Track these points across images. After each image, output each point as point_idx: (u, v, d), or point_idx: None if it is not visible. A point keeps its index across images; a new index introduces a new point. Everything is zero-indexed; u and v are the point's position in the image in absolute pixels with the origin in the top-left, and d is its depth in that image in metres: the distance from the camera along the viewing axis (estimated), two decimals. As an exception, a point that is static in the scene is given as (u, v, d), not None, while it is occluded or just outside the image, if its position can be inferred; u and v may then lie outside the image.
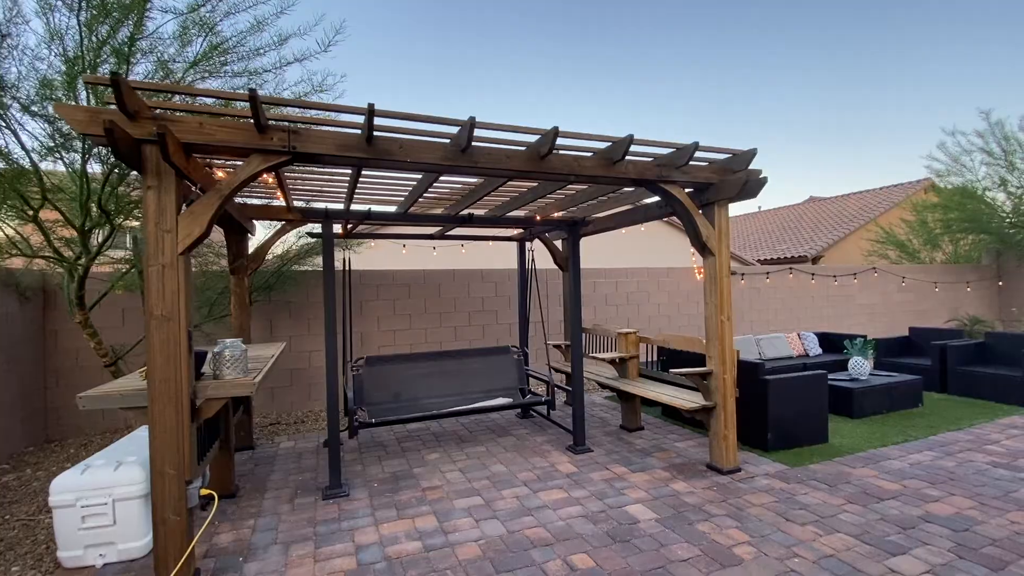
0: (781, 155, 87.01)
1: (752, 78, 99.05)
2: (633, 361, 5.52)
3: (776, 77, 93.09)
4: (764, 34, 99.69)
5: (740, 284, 9.73)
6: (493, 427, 5.71)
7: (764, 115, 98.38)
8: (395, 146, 3.17)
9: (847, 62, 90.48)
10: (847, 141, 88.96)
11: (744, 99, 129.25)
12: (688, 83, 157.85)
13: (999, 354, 6.88)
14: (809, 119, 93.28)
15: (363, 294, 7.07)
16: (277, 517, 3.62)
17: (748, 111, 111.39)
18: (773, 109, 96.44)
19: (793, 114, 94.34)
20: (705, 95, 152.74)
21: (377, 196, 5.30)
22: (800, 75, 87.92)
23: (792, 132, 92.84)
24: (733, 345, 4.23)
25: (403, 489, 4.06)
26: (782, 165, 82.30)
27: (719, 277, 4.20)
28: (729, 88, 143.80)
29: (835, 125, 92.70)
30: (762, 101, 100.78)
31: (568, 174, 3.71)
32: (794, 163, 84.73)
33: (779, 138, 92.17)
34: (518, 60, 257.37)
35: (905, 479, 3.99)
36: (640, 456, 4.67)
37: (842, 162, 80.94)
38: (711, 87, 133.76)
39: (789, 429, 4.74)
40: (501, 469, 4.43)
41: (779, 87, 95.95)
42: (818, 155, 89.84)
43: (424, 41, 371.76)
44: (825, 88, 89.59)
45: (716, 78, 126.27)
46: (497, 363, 5.62)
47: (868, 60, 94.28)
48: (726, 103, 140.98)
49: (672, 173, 4.00)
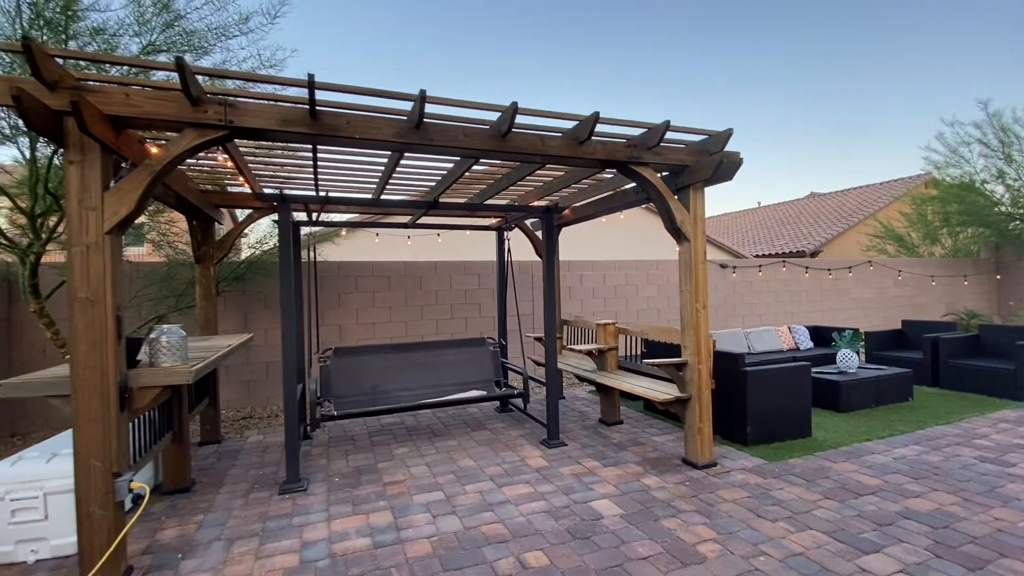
0: (784, 152, 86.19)
1: (753, 75, 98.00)
2: (612, 353, 5.35)
3: (776, 75, 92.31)
4: (762, 31, 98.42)
5: (732, 277, 9.55)
6: (469, 421, 5.55)
7: (764, 112, 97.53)
8: (342, 121, 3.00)
9: (846, 62, 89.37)
10: (851, 137, 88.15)
11: (743, 96, 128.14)
12: (686, 82, 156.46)
13: (992, 347, 6.69)
14: (812, 115, 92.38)
15: (341, 286, 6.91)
16: (228, 512, 3.48)
17: (747, 108, 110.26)
18: (773, 105, 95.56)
19: (795, 110, 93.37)
20: (703, 92, 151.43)
21: (349, 182, 5.14)
22: (804, 71, 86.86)
23: (795, 128, 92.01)
24: (709, 335, 4.06)
25: (364, 484, 3.91)
26: (784, 162, 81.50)
27: (694, 264, 4.03)
28: (726, 86, 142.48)
29: (838, 121, 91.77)
30: (762, 97, 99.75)
31: (533, 154, 3.54)
32: (797, 160, 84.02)
33: (781, 135, 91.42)
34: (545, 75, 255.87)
35: (887, 474, 3.83)
36: (615, 450, 4.51)
37: (845, 158, 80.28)
38: (710, 84, 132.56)
39: (770, 423, 4.57)
40: (469, 464, 4.27)
41: (780, 84, 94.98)
42: (821, 151, 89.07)
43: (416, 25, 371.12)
44: (827, 84, 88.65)
45: (715, 74, 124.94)
46: (472, 355, 5.46)
47: (868, 56, 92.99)
48: (724, 102, 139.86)
49: (644, 155, 3.83)
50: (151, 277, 5.53)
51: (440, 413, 5.94)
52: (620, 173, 3.98)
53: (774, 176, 78.15)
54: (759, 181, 76.18)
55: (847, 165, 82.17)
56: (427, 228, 5.82)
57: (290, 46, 4.42)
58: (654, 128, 3.72)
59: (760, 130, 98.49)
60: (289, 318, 3.83)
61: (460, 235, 9.03)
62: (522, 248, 6.88)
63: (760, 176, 78.46)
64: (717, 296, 9.42)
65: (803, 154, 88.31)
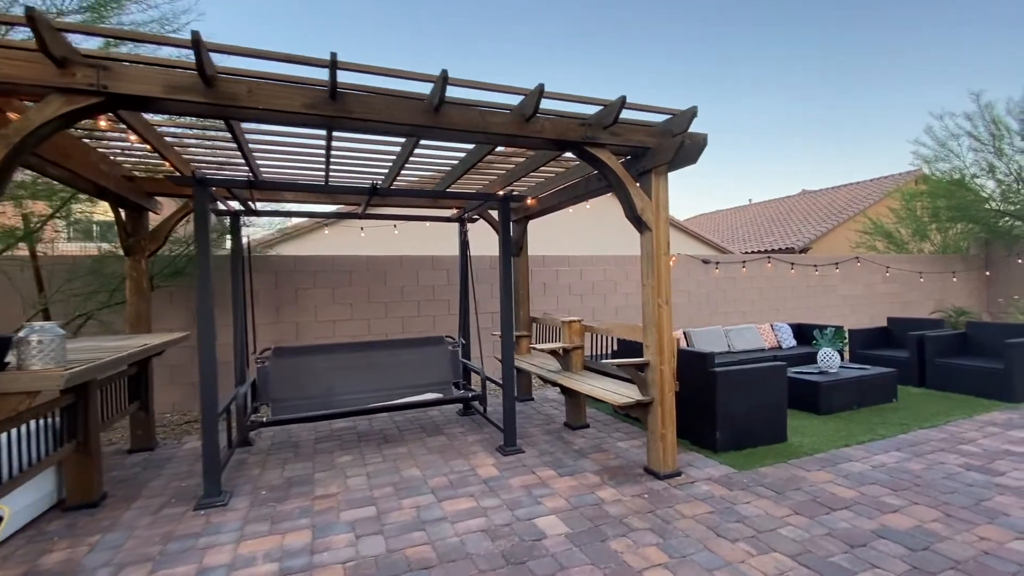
0: (780, 149, 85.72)
1: (748, 71, 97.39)
2: (577, 352, 5.01)
3: (771, 72, 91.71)
4: (759, 28, 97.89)
5: (715, 273, 9.24)
6: (427, 425, 5.19)
7: (758, 109, 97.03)
8: (242, 89, 2.63)
9: (844, 59, 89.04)
10: (843, 134, 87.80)
11: (738, 93, 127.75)
12: (681, 81, 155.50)
13: (980, 345, 6.40)
14: (804, 112, 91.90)
15: (299, 281, 6.53)
16: (130, 532, 3.10)
17: (740, 105, 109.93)
18: (768, 102, 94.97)
19: (789, 107, 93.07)
20: (698, 90, 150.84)
21: (296, 167, 4.77)
22: (797, 68, 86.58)
23: (787, 126, 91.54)
24: (672, 333, 3.72)
25: (292, 497, 3.54)
26: (776, 159, 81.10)
27: (656, 255, 3.69)
28: (720, 83, 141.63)
29: (830, 118, 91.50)
30: (756, 94, 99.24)
31: (473, 131, 3.18)
32: (793, 157, 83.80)
33: (774, 132, 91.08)
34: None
35: (864, 484, 3.50)
36: (574, 458, 4.17)
37: (843, 155, 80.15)
38: (704, 82, 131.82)
39: (742, 428, 4.24)
40: (414, 474, 3.92)
41: (776, 81, 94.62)
42: (813, 149, 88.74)
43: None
44: (824, 81, 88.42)
45: (708, 71, 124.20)
46: (429, 355, 5.10)
47: (863, 53, 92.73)
48: (718, 100, 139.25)
49: (600, 135, 3.48)
50: (75, 271, 5.12)
51: (398, 417, 5.58)
52: (575, 156, 3.62)
53: (767, 172, 78.02)
54: (754, 179, 75.93)
55: (844, 162, 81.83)
56: (382, 219, 5.45)
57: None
58: (609, 105, 3.37)
59: (755, 127, 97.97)
60: (207, 317, 3.46)
61: (431, 229, 8.66)
62: (488, 241, 6.51)
63: (755, 174, 78.20)
64: (699, 293, 9.10)
65: (799, 152, 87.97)
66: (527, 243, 6.34)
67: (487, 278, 7.60)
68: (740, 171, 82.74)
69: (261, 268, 6.38)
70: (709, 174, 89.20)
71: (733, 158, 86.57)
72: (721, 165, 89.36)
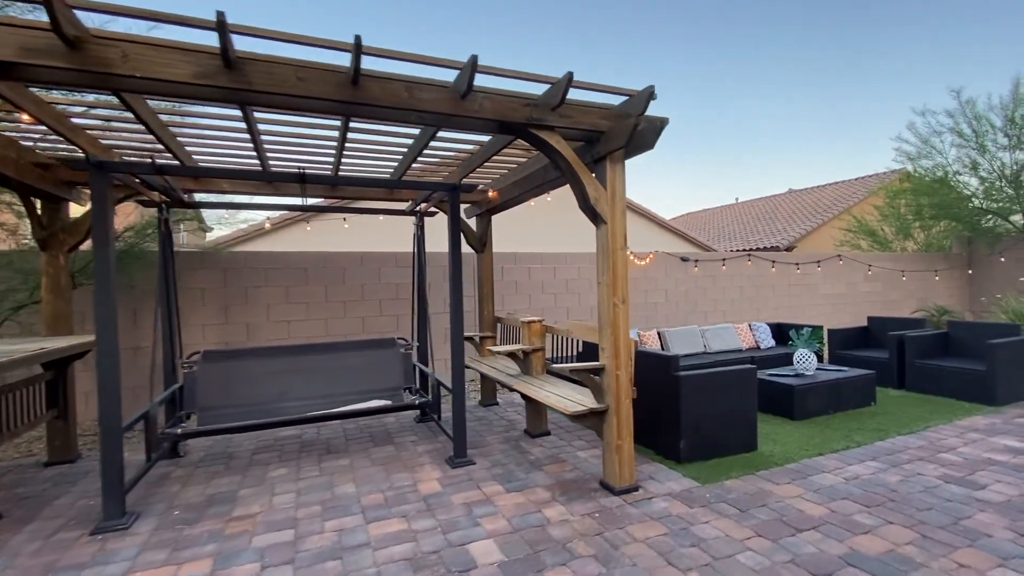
0: (765, 148, 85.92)
1: (743, 69, 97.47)
2: (538, 355, 4.68)
3: (764, 69, 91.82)
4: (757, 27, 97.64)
5: (694, 271, 8.97)
6: (377, 434, 4.84)
7: (749, 108, 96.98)
8: (115, 55, 2.26)
9: (838, 55, 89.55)
10: (832, 134, 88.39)
11: (727, 92, 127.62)
12: (676, 81, 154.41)
13: (962, 346, 6.18)
14: (796, 110, 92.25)
15: (249, 279, 6.14)
16: (11, 560, 2.73)
17: (729, 104, 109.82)
18: (758, 100, 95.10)
19: (779, 106, 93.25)
20: (693, 90, 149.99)
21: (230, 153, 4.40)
22: (789, 65, 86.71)
23: (777, 125, 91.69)
24: (629, 335, 3.41)
25: (206, 519, 3.18)
26: (765, 158, 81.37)
27: (611, 250, 3.37)
28: (711, 81, 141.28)
29: (820, 117, 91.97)
30: (747, 94, 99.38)
31: (402, 109, 2.83)
32: (779, 156, 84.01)
33: (764, 131, 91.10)
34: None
35: (835, 500, 3.21)
36: (528, 470, 3.84)
37: (826, 155, 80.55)
38: (701, 81, 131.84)
39: (709, 436, 3.95)
40: (348, 490, 3.57)
41: (767, 79, 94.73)
42: (803, 149, 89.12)
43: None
44: (819, 79, 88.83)
45: (699, 71, 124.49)
46: (379, 358, 4.75)
47: (856, 51, 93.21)
48: (709, 99, 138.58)
49: (547, 116, 3.15)
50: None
51: (349, 425, 5.22)
52: (521, 139, 3.29)
53: (755, 171, 78.31)
54: (746, 179, 76.35)
55: (835, 160, 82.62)
56: (330, 212, 5.08)
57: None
58: (556, 84, 3.05)
59: (746, 127, 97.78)
60: (106, 318, 3.08)
61: (394, 224, 8.27)
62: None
63: (746, 174, 78.53)
64: (677, 291, 8.83)
65: (789, 151, 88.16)
66: (491, 238, 6.00)
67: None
68: (731, 171, 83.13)
69: (209, 265, 5.99)
70: (699, 174, 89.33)
71: (722, 158, 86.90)
72: (710, 164, 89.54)
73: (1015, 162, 10.31)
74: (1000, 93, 10.64)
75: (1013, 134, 10.11)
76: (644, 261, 8.45)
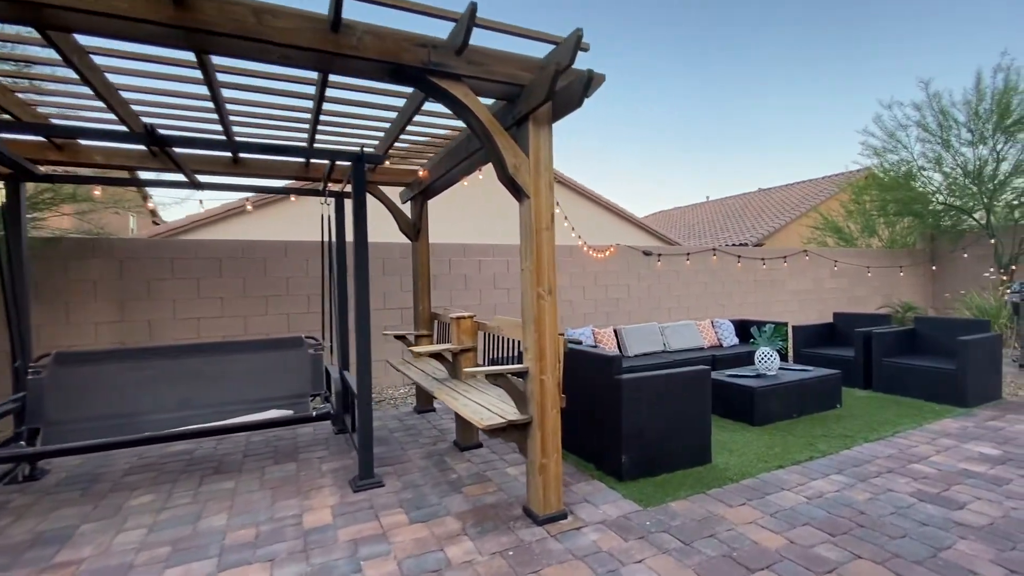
0: (736, 149, 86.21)
1: (733, 69, 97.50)
2: (468, 356, 4.09)
3: (751, 68, 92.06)
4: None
5: (657, 266, 8.52)
6: (284, 448, 4.18)
7: (727, 107, 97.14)
8: None
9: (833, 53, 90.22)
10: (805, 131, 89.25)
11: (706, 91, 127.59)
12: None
13: (930, 343, 5.85)
14: (769, 108, 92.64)
15: (152, 270, 5.37)
16: None
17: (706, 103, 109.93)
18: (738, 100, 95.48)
19: (752, 104, 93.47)
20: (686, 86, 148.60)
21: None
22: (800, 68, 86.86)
23: (749, 124, 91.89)
24: (557, 331, 2.84)
25: (17, 567, 2.49)
26: (736, 158, 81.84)
27: (535, 230, 2.80)
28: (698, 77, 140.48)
29: (793, 116, 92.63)
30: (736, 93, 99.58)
31: (258, 41, 2.19)
32: (749, 156, 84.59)
33: (738, 130, 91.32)
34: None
35: (795, 527, 2.71)
36: (444, 493, 3.25)
37: (794, 154, 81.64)
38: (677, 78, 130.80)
39: (656, 448, 3.42)
40: (217, 523, 2.91)
41: (753, 78, 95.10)
42: (772, 148, 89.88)
43: None
44: (817, 79, 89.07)
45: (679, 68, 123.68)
46: (281, 361, 4.08)
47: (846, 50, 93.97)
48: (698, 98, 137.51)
49: (450, 61, 2.55)
50: None
51: (256, 437, 4.53)
52: (422, 91, 2.69)
53: (727, 171, 78.76)
54: (722, 177, 77.07)
55: (805, 159, 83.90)
56: (220, 190, 4.38)
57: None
58: (459, 21, 2.46)
59: (720, 126, 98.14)
60: None
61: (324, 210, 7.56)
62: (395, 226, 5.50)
63: (721, 172, 79.40)
64: (640, 287, 8.36)
65: (762, 150, 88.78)
66: (427, 225, 5.38)
67: (396, 269, 6.62)
68: (709, 169, 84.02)
69: (102, 253, 5.21)
70: (675, 173, 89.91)
71: (698, 156, 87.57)
72: (686, 163, 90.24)
73: (978, 158, 10.21)
74: (964, 87, 10.55)
75: (976, 129, 10.00)
76: (604, 254, 7.95)
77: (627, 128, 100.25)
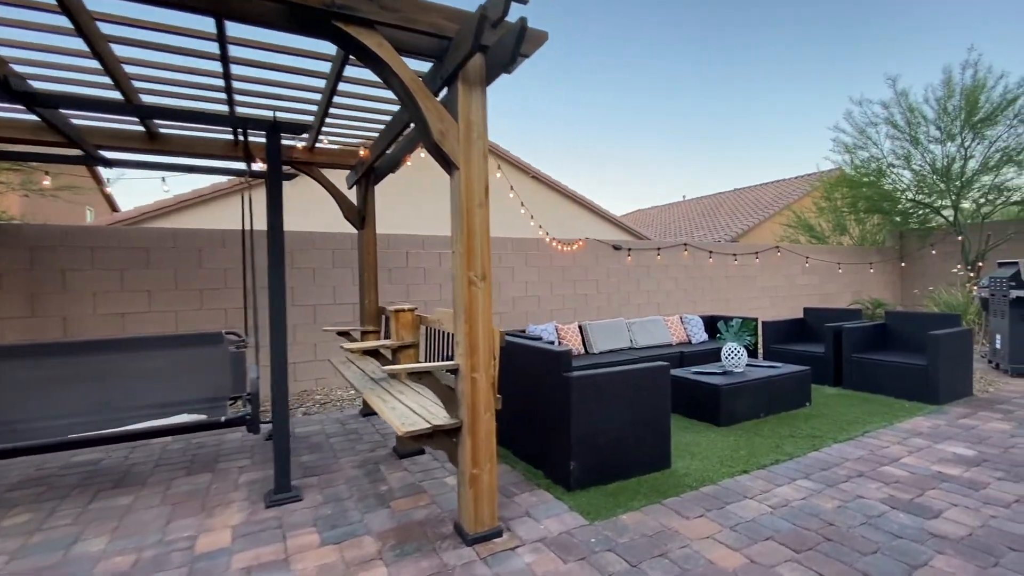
0: (714, 149, 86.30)
1: (726, 68, 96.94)
2: (408, 353, 3.71)
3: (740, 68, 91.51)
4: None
5: (627, 261, 8.25)
6: (203, 457, 3.74)
7: (707, 105, 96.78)
8: None
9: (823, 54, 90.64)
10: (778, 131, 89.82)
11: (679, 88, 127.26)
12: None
13: (901, 338, 5.68)
14: (740, 109, 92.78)
15: (68, 260, 4.85)
16: None
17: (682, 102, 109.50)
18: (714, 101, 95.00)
19: (724, 104, 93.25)
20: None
21: None
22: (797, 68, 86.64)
23: (725, 124, 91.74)
24: (491, 323, 2.49)
25: None
26: (715, 158, 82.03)
27: (465, 208, 2.44)
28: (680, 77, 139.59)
29: (768, 116, 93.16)
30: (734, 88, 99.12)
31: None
32: (726, 156, 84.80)
33: (714, 131, 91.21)
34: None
35: (757, 541, 2.41)
36: (369, 507, 2.87)
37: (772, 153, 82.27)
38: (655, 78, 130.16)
39: (609, 453, 3.10)
40: (94, 549, 2.48)
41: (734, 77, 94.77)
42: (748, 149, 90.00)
43: None
44: (814, 79, 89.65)
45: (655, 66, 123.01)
46: (195, 360, 3.63)
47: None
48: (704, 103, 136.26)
49: (360, 4, 2.17)
50: None
51: (178, 443, 4.08)
52: (328, 39, 2.30)
53: (702, 171, 78.75)
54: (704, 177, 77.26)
55: (780, 158, 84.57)
56: (139, 168, 3.91)
57: None
58: (368, -48, 2.08)
59: (701, 124, 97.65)
60: None
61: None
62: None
63: (702, 172, 79.71)
64: (609, 282, 8.08)
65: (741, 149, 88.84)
66: (374, 212, 4.97)
67: (348, 261, 6.18)
68: (691, 169, 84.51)
69: (8, 242, 4.67)
70: (655, 172, 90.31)
71: (679, 156, 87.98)
72: (666, 163, 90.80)
73: (946, 155, 10.22)
74: (932, 83, 10.55)
75: (944, 126, 10.00)
76: (572, 248, 7.64)
77: (619, 129, 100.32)
